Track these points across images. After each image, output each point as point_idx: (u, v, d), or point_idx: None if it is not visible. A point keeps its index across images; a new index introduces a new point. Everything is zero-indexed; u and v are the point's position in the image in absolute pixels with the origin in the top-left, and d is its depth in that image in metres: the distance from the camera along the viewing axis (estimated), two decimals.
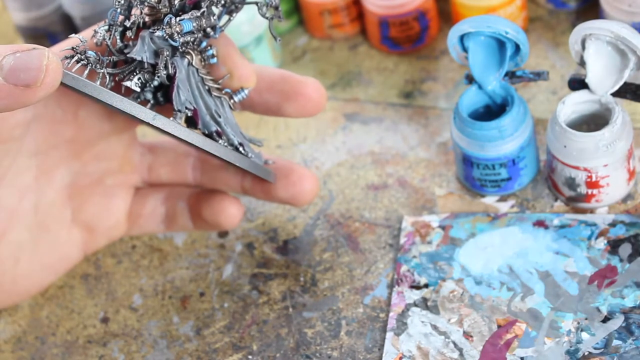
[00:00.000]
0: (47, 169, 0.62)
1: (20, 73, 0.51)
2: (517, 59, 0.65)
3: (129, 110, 0.55)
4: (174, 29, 0.56)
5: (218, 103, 0.60)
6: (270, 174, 0.63)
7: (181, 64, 0.58)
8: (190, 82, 0.58)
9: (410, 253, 0.64)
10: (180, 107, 0.58)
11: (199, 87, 0.59)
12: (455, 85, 0.75)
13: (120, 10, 0.57)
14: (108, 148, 0.64)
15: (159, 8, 0.56)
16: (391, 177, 0.70)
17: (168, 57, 0.57)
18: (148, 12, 0.57)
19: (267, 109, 0.62)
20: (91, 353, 0.64)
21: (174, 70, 0.57)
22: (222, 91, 0.60)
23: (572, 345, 0.57)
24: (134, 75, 0.57)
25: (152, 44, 0.57)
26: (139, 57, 0.57)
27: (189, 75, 0.58)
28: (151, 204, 0.66)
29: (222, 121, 0.60)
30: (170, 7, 0.57)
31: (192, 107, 0.59)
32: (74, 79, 0.54)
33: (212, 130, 0.59)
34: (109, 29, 0.57)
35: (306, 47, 0.82)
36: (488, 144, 0.64)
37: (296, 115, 0.62)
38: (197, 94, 0.59)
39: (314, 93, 0.61)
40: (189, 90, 0.58)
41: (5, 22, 0.92)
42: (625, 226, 0.62)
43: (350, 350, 0.61)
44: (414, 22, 0.77)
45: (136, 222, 0.67)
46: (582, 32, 0.62)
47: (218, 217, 0.64)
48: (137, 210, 0.66)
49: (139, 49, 0.57)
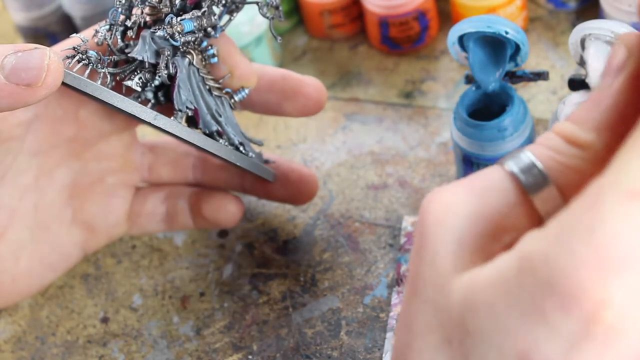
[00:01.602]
0: (47, 168, 0.62)
1: (21, 72, 0.51)
2: (517, 59, 0.65)
3: (130, 110, 0.55)
4: (175, 29, 0.56)
5: (219, 102, 0.60)
6: (270, 174, 0.63)
7: (182, 63, 0.58)
8: (191, 81, 0.59)
9: (410, 253, 0.64)
10: (181, 106, 0.58)
11: (199, 86, 0.59)
12: (455, 85, 0.75)
13: (121, 9, 0.57)
14: (109, 147, 0.64)
15: (159, 8, 0.56)
16: (391, 177, 0.70)
17: (169, 56, 0.57)
18: (149, 12, 0.57)
19: (267, 108, 0.63)
20: (91, 353, 0.64)
21: (175, 69, 0.57)
22: (223, 91, 0.60)
23: None
24: (135, 74, 0.57)
25: (153, 44, 0.57)
26: (140, 56, 0.57)
27: (189, 74, 0.58)
28: (151, 203, 0.67)
29: (222, 120, 0.60)
30: (172, 6, 0.57)
31: (192, 107, 0.59)
32: (76, 79, 0.54)
33: (213, 129, 0.59)
34: (110, 28, 0.57)
35: (306, 47, 0.82)
36: (488, 144, 0.64)
37: (296, 115, 0.62)
38: (198, 94, 0.59)
39: (314, 92, 0.61)
40: (189, 89, 0.58)
41: (5, 22, 0.92)
42: None
43: (350, 350, 0.61)
44: (414, 22, 0.77)
45: (136, 222, 0.67)
46: (582, 32, 0.62)
47: (218, 214, 0.64)
48: (138, 210, 0.67)
49: (140, 48, 0.57)
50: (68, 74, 0.53)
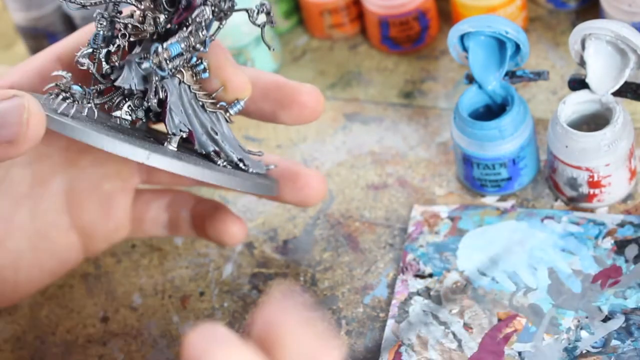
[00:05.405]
0: (42, 177, 0.61)
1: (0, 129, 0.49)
2: (517, 59, 0.65)
3: (122, 153, 0.52)
4: (162, 57, 0.53)
5: (214, 119, 0.57)
6: (272, 189, 0.60)
7: (172, 84, 0.55)
8: (182, 101, 0.56)
9: (417, 242, 0.64)
10: (174, 130, 0.55)
11: (192, 104, 0.56)
12: (455, 85, 0.75)
13: (102, 32, 0.54)
14: (104, 153, 0.62)
15: (143, 28, 0.54)
16: (391, 177, 0.70)
17: (157, 81, 0.54)
18: (132, 32, 0.54)
19: (261, 116, 0.60)
20: (91, 352, 0.64)
21: (165, 93, 0.55)
22: (217, 105, 0.57)
23: (570, 342, 0.57)
24: (123, 102, 0.55)
25: (139, 69, 0.54)
26: (127, 85, 0.54)
27: (180, 94, 0.56)
28: (154, 209, 0.65)
29: (219, 138, 0.57)
30: (156, 25, 0.54)
31: (187, 129, 0.56)
32: (60, 125, 0.50)
33: (210, 150, 0.56)
34: (93, 52, 0.54)
35: (306, 47, 0.82)
36: (488, 143, 0.64)
37: (292, 123, 0.60)
38: (191, 113, 0.56)
39: (310, 100, 0.59)
40: (182, 111, 0.56)
41: (5, 22, 0.92)
42: (634, 227, 0.62)
43: (350, 350, 0.61)
44: (414, 22, 0.77)
45: (139, 227, 0.66)
46: (582, 32, 0.62)
47: (222, 237, 0.63)
48: (141, 215, 0.65)
49: (126, 76, 0.54)
50: (52, 119, 0.50)
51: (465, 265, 0.63)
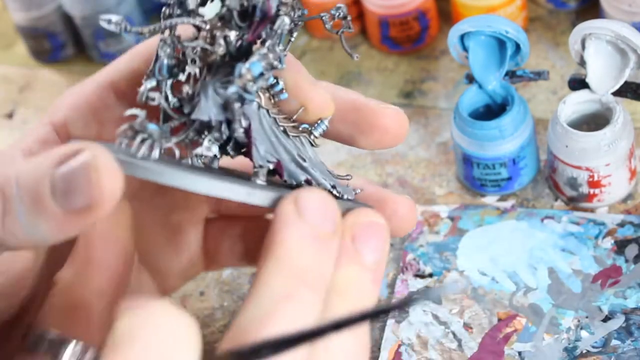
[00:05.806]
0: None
1: (71, 197, 0.41)
2: (517, 59, 0.65)
3: (220, 194, 0.45)
4: (246, 78, 0.45)
5: (298, 144, 0.50)
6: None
7: (251, 110, 0.48)
8: (264, 128, 0.48)
9: (417, 242, 0.64)
10: (261, 162, 0.48)
11: (274, 130, 0.49)
12: (455, 85, 0.75)
13: (167, 60, 0.48)
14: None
15: (212, 50, 0.47)
16: (391, 177, 0.70)
17: (239, 108, 0.47)
18: (199, 56, 0.48)
19: (337, 138, 0.54)
20: None
21: (248, 121, 0.47)
22: (299, 128, 0.50)
23: (570, 342, 0.57)
24: (202, 138, 0.48)
25: (217, 97, 0.47)
26: (206, 117, 0.47)
27: (260, 120, 0.48)
28: (229, 240, 0.59)
29: (308, 165, 0.50)
30: (227, 45, 0.47)
31: (274, 159, 0.49)
32: (144, 170, 0.44)
33: (301, 180, 0.49)
34: (158, 84, 0.48)
35: (306, 47, 0.82)
36: (488, 143, 0.64)
37: (372, 149, 0.54)
38: (275, 140, 0.49)
39: (392, 125, 0.52)
40: (266, 139, 0.49)
41: (5, 22, 0.92)
42: (634, 227, 0.62)
43: None
44: (414, 22, 0.77)
45: (214, 259, 0.59)
46: (582, 32, 0.62)
47: None
48: (214, 247, 0.59)
49: (204, 106, 0.47)
50: (132, 165, 0.43)
51: (465, 265, 0.63)
